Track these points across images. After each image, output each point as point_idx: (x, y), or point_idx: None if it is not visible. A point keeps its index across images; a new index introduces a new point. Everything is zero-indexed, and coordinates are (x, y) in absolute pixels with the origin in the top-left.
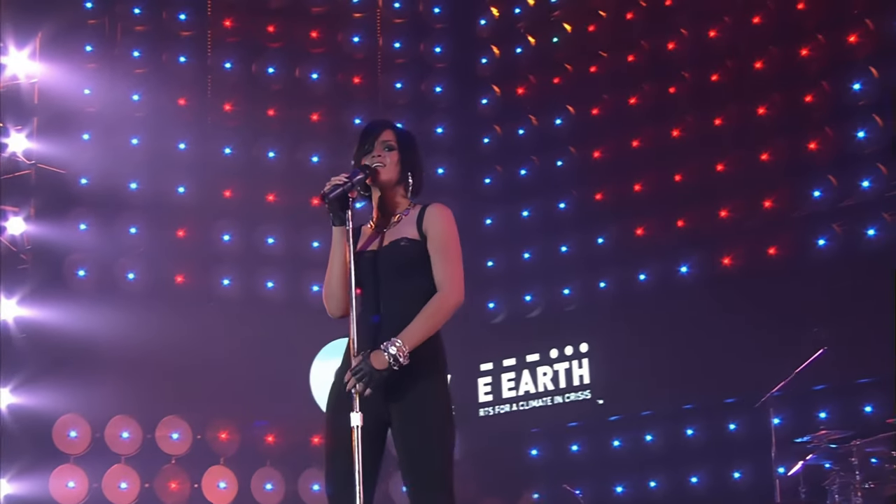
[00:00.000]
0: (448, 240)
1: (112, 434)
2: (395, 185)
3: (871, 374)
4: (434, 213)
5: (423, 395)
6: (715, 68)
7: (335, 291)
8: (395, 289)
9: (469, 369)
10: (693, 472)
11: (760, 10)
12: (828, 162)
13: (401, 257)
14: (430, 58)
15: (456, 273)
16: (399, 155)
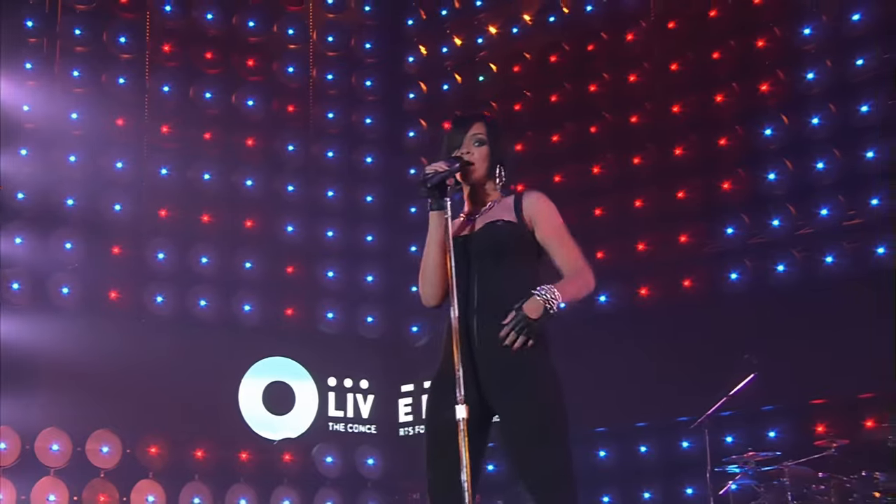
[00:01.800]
0: (562, 226)
1: (42, 447)
2: (485, 179)
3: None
4: (535, 199)
5: (533, 388)
6: (634, 110)
7: (431, 277)
8: (490, 271)
9: (391, 390)
10: (604, 492)
11: (678, 58)
12: (740, 201)
13: (496, 238)
14: (361, 91)
15: (583, 258)
16: (489, 149)
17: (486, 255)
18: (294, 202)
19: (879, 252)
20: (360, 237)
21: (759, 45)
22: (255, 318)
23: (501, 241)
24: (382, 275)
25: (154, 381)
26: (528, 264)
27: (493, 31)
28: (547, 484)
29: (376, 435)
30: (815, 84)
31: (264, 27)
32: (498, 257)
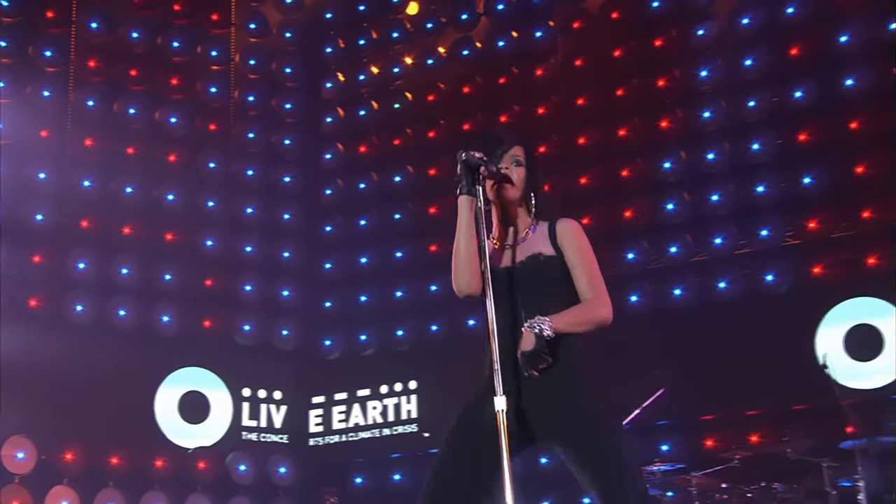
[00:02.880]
0: (588, 254)
1: None
2: (519, 202)
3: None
4: (567, 227)
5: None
6: (542, 140)
7: (463, 269)
8: (536, 304)
9: (302, 401)
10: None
11: (584, 94)
12: (641, 229)
13: (541, 272)
14: (281, 113)
15: (602, 290)
16: (526, 172)
17: (532, 288)
18: (214, 217)
19: (768, 279)
20: (276, 253)
21: (660, 84)
22: (173, 329)
23: (547, 276)
24: (298, 290)
25: (71, 387)
26: (572, 295)
27: (409, 61)
28: (615, 484)
29: (288, 444)
30: (710, 122)
31: (188, 48)
32: (543, 291)
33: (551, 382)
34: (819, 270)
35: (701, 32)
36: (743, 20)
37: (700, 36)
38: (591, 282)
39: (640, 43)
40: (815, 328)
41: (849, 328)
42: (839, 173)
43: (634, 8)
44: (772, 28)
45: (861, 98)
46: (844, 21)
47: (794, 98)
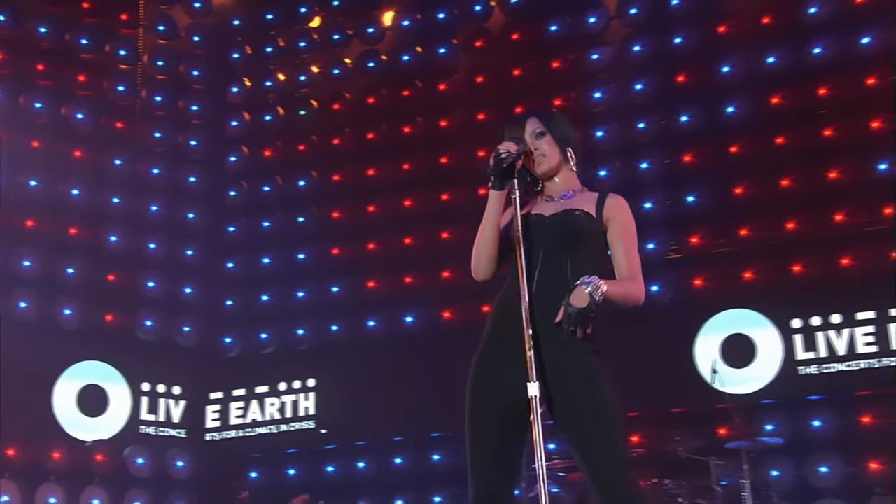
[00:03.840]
0: (633, 234)
1: None
2: (560, 167)
3: None
4: (617, 202)
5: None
6: (444, 152)
7: (484, 252)
8: (557, 256)
9: (200, 397)
10: (399, 496)
11: (485, 109)
12: None
13: (572, 225)
14: (187, 114)
15: (640, 272)
16: (551, 136)
17: (557, 239)
18: (118, 214)
19: (653, 290)
20: (180, 251)
21: (557, 103)
22: (74, 322)
23: (576, 229)
24: (200, 288)
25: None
26: (593, 259)
27: (316, 70)
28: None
29: (185, 439)
30: (603, 141)
31: (96, 46)
32: (568, 244)
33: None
34: (700, 283)
35: (595, 57)
36: (634, 47)
37: (594, 60)
38: (632, 261)
39: (538, 64)
40: (694, 337)
41: (724, 337)
42: (719, 193)
43: (534, 31)
44: (661, 56)
45: (741, 124)
46: (727, 53)
47: (680, 122)
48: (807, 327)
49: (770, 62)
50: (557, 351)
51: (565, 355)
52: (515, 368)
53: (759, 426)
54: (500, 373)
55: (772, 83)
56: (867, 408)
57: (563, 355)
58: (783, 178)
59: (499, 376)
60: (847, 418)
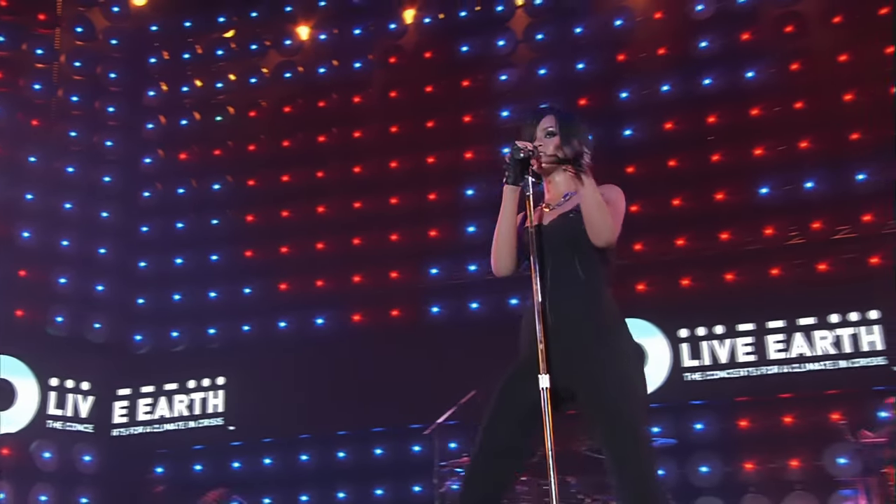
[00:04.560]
0: (617, 201)
1: None
2: (560, 167)
3: None
4: (606, 187)
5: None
6: (357, 162)
7: (503, 249)
8: (563, 258)
9: (107, 392)
10: (303, 492)
11: (398, 122)
12: (444, 249)
13: (569, 228)
14: (104, 115)
15: (617, 220)
16: (560, 140)
17: (559, 244)
18: (32, 210)
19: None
20: (93, 249)
21: (466, 120)
22: None
23: (574, 231)
24: (112, 285)
25: None
26: (600, 254)
27: (233, 78)
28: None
29: (93, 434)
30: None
31: (13, 44)
32: (571, 246)
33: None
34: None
35: (503, 78)
36: (540, 70)
37: (502, 81)
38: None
39: (449, 82)
40: None
41: None
42: None
43: (446, 51)
44: (564, 80)
45: (636, 146)
46: (625, 80)
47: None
48: (693, 337)
49: (664, 90)
50: (581, 342)
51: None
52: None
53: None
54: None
55: (666, 109)
56: (745, 413)
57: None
58: (674, 198)
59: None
60: (727, 422)
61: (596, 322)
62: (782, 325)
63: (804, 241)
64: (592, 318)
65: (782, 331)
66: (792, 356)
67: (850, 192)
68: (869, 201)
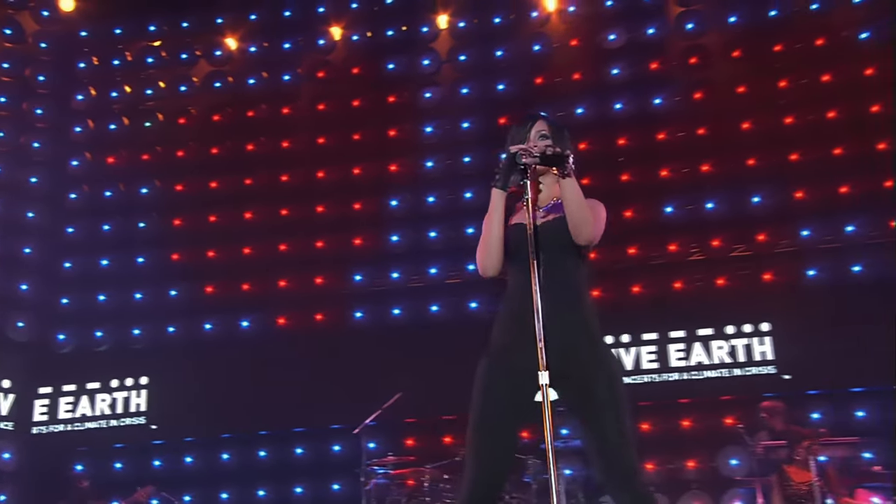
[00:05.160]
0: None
1: None
2: (549, 171)
3: None
4: (592, 203)
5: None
6: (285, 170)
7: (494, 251)
8: (556, 259)
9: (29, 391)
10: (223, 489)
11: (328, 133)
12: (368, 256)
13: (559, 230)
14: (31, 117)
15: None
16: (552, 142)
17: (555, 244)
18: None
19: (472, 306)
20: (17, 248)
21: (391, 134)
22: None
23: (564, 232)
24: (36, 285)
25: None
26: (583, 257)
27: (163, 85)
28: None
29: (12, 431)
30: (432, 171)
31: None
32: (562, 249)
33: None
34: None
35: (428, 95)
36: (462, 90)
37: (427, 98)
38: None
39: (376, 97)
40: None
41: None
42: None
43: (373, 67)
44: (485, 100)
45: None
46: (542, 102)
47: (500, 159)
48: None
49: (578, 112)
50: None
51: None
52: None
53: (558, 430)
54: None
55: (579, 131)
56: (647, 416)
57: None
58: None
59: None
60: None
61: (585, 321)
62: (683, 335)
63: (704, 257)
64: (582, 317)
65: (683, 340)
66: (691, 364)
67: (746, 213)
68: (763, 222)
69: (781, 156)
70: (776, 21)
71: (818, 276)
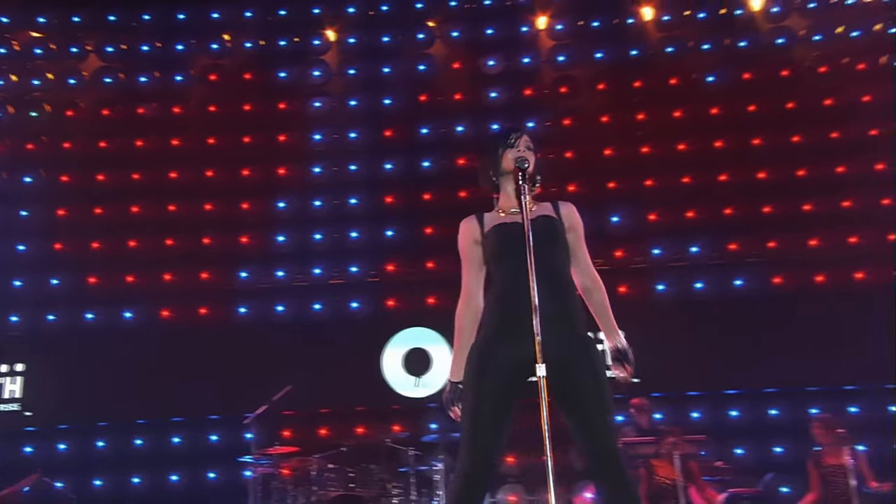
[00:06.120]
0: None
1: None
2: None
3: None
4: (572, 209)
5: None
6: (174, 168)
7: None
8: (547, 255)
9: None
10: (97, 477)
11: (218, 134)
12: (254, 255)
13: (554, 229)
14: None
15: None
16: (534, 157)
17: (546, 240)
18: None
19: (353, 306)
20: None
21: (281, 139)
22: None
23: (557, 232)
24: None
25: None
26: (566, 254)
27: (51, 76)
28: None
29: None
30: (319, 177)
31: None
32: (551, 245)
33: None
34: (392, 303)
35: (318, 104)
36: (351, 101)
37: (316, 107)
38: (590, 264)
39: (267, 103)
40: (382, 347)
41: (408, 350)
42: (413, 231)
43: (265, 74)
44: (372, 112)
45: (434, 176)
46: (425, 118)
47: (384, 169)
48: None
49: (458, 130)
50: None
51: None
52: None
53: (426, 426)
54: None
55: (459, 147)
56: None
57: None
58: None
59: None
60: None
61: (575, 313)
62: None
63: None
64: (572, 310)
65: None
66: None
67: (605, 232)
68: (620, 240)
69: (637, 181)
70: (636, 60)
71: (666, 291)
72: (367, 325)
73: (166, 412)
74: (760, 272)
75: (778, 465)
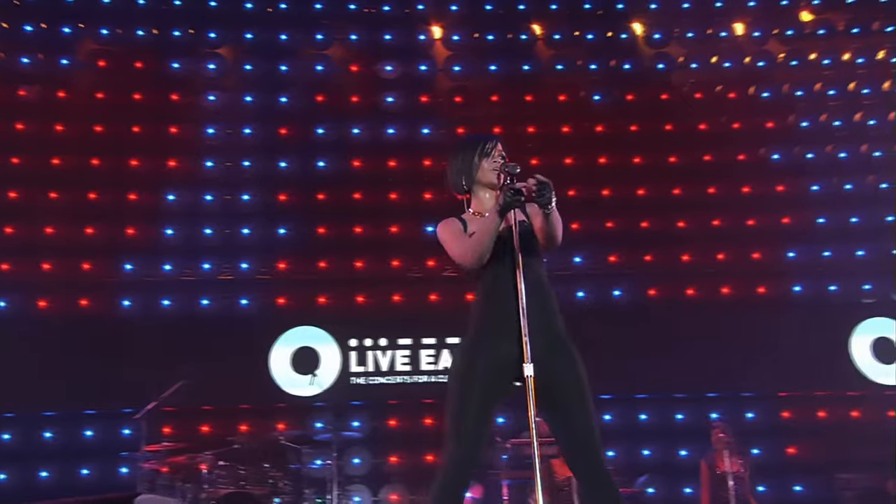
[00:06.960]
0: None
1: None
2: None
3: None
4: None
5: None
6: (57, 154)
7: (485, 256)
8: (534, 256)
9: None
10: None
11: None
12: (140, 247)
13: (529, 233)
14: None
15: None
16: None
17: (528, 243)
18: None
19: (243, 303)
20: None
21: (172, 131)
22: None
23: (534, 235)
24: None
25: None
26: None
27: None
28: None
29: None
30: (210, 171)
31: None
32: (533, 247)
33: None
34: (282, 301)
35: (212, 98)
36: (246, 97)
37: (210, 101)
38: None
39: (158, 93)
40: (271, 344)
41: (295, 348)
42: (305, 230)
43: (156, 63)
44: (268, 109)
45: (328, 176)
46: (321, 119)
47: (279, 166)
48: (360, 346)
49: (355, 132)
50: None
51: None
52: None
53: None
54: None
55: (354, 149)
56: (395, 414)
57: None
58: (356, 226)
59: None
60: (379, 420)
61: (556, 317)
62: (433, 341)
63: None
64: (554, 313)
65: (433, 346)
66: (439, 368)
67: None
68: None
69: None
70: (528, 75)
71: None
72: (255, 323)
73: (36, 407)
74: (636, 283)
75: (649, 467)
